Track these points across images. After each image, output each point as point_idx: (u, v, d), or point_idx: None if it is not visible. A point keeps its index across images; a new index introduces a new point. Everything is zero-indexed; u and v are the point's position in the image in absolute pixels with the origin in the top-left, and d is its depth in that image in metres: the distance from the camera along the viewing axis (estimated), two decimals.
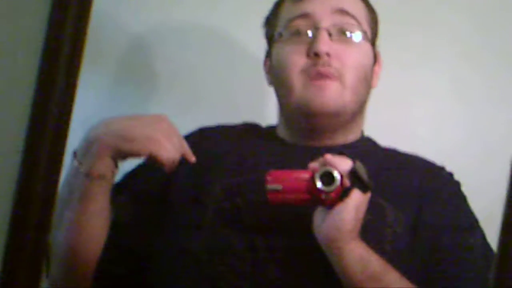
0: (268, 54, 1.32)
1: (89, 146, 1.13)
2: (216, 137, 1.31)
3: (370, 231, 1.11)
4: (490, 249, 1.18)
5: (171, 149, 1.13)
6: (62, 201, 1.12)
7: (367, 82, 1.26)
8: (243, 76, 1.45)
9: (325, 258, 1.07)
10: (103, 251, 1.18)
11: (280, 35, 1.27)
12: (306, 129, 1.25)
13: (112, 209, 1.19)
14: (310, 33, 1.23)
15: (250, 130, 1.33)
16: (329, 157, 1.08)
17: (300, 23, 1.25)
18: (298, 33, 1.25)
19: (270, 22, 1.32)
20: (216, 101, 1.55)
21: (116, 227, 1.19)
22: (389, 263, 1.08)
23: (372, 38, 1.29)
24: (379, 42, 1.32)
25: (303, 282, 1.11)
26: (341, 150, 1.13)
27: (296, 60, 1.23)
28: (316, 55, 1.21)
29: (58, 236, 1.15)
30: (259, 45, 1.35)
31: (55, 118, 1.02)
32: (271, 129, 1.33)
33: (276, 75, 1.28)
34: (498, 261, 0.99)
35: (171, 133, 1.14)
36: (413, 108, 1.53)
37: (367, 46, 1.27)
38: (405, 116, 1.53)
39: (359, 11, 1.27)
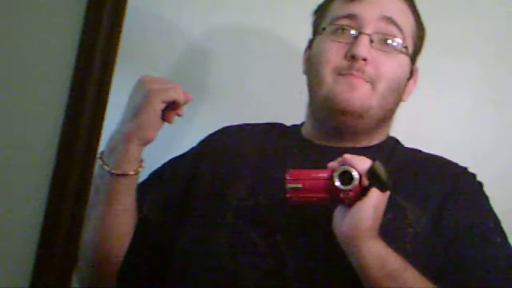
0: (310, 44, 1.33)
1: (114, 145, 1.17)
2: (240, 135, 1.33)
3: (391, 230, 1.12)
4: None
5: (170, 87, 1.17)
6: (89, 201, 1.16)
7: (398, 94, 1.26)
8: (298, 80, 1.41)
9: (344, 256, 1.09)
10: (131, 248, 1.22)
11: (324, 29, 1.28)
12: (329, 126, 1.26)
13: (137, 208, 1.22)
14: (352, 33, 1.24)
15: (274, 129, 1.35)
16: (348, 156, 1.09)
17: (345, 23, 1.25)
18: (340, 31, 1.25)
19: (319, 13, 1.33)
20: (268, 106, 1.55)
21: (140, 224, 1.22)
22: (408, 262, 1.08)
23: (413, 53, 1.29)
24: None
25: (323, 279, 1.12)
26: (361, 152, 1.14)
27: (332, 58, 1.24)
28: (353, 57, 1.21)
29: (85, 235, 1.19)
30: None
31: (89, 120, 1.05)
32: (295, 128, 1.34)
33: (311, 66, 1.29)
34: None
35: (156, 81, 1.18)
36: (430, 112, 1.53)
37: (405, 60, 1.27)
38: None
39: (407, 23, 1.27)
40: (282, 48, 1.57)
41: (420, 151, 1.30)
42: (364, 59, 1.21)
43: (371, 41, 1.23)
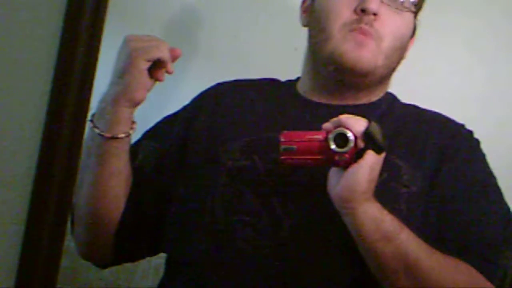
0: None
1: (104, 107, 1.15)
2: (234, 92, 1.31)
3: (386, 190, 1.12)
4: (508, 209, 1.18)
5: (154, 45, 1.14)
6: (82, 164, 1.15)
7: (401, 52, 1.24)
8: (292, 36, 1.37)
9: (339, 217, 1.08)
10: (127, 207, 1.22)
11: None
12: (331, 83, 1.23)
13: (132, 169, 1.21)
14: None
15: (269, 85, 1.32)
16: (343, 118, 1.07)
17: None
18: None
19: None
20: (262, 62, 1.52)
21: (136, 179, 1.22)
22: (403, 223, 1.08)
23: (416, 10, 1.26)
24: None
25: (318, 240, 1.12)
26: (358, 110, 1.13)
27: (341, 12, 1.20)
28: (363, 11, 1.19)
29: (80, 199, 1.19)
30: None
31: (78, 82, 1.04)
32: (291, 84, 1.31)
33: (316, 20, 1.25)
34: None
35: (139, 39, 1.15)
36: (431, 69, 1.52)
37: (411, 18, 1.25)
38: (424, 76, 1.51)
39: None
40: (277, 3, 1.53)
41: (417, 107, 1.28)
42: (375, 14, 1.19)
43: None
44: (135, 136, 1.22)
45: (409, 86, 1.32)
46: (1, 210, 1.02)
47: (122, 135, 1.16)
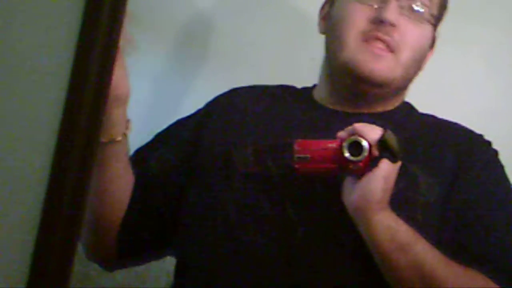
0: (332, 2, 1.28)
1: None
2: (249, 96, 1.30)
3: (402, 200, 1.10)
4: None
5: None
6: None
7: (419, 64, 1.23)
8: (308, 53, 1.38)
9: (354, 227, 1.06)
10: (131, 209, 1.21)
11: None
12: (346, 90, 1.22)
13: (141, 167, 1.21)
14: None
15: (285, 91, 1.31)
16: (358, 126, 1.06)
17: None
18: None
19: None
20: (277, 71, 1.51)
21: (148, 180, 1.21)
22: (419, 233, 1.06)
23: (436, 22, 1.25)
24: None
25: (331, 248, 1.11)
26: (373, 119, 1.11)
27: (358, 21, 1.19)
28: (381, 22, 1.17)
29: None
30: None
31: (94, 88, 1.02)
32: (307, 91, 1.30)
33: (332, 27, 1.24)
34: None
35: None
36: (447, 81, 1.50)
37: (430, 29, 1.23)
38: (440, 89, 1.49)
39: None
40: (292, 12, 1.53)
41: (434, 117, 1.26)
42: (392, 25, 1.17)
43: (401, 7, 1.18)
44: (144, 138, 1.21)
45: (425, 98, 1.29)
46: (15, 212, 1.01)
47: (119, 138, 1.14)
